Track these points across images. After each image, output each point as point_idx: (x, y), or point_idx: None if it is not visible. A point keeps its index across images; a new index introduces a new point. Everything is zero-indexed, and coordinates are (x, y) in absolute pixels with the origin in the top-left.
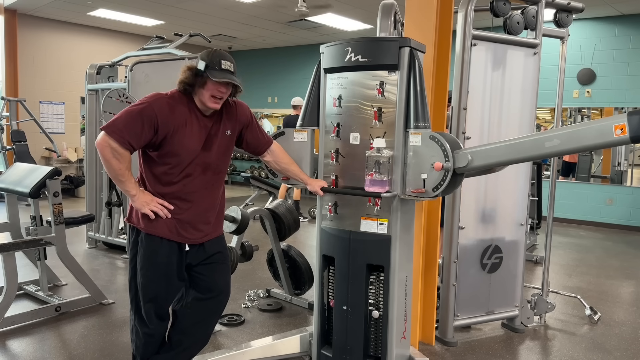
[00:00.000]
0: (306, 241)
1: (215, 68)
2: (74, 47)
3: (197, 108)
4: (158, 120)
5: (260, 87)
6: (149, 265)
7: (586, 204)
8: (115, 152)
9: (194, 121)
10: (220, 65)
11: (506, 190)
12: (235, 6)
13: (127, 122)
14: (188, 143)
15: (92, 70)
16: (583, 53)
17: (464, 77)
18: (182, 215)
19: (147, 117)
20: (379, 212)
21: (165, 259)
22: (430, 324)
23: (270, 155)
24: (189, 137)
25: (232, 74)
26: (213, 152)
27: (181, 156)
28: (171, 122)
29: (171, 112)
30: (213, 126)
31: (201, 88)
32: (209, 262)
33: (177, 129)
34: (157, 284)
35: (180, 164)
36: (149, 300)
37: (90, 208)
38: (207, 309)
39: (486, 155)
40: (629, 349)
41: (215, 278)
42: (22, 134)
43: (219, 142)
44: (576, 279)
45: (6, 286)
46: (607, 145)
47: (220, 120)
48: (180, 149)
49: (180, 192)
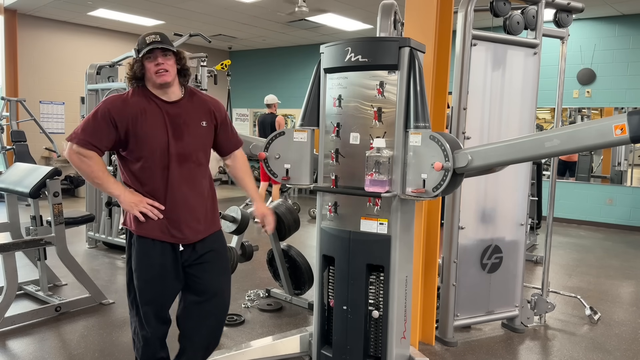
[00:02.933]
0: (306, 241)
1: (142, 47)
2: (74, 47)
3: (156, 96)
4: (112, 114)
5: (260, 87)
6: (142, 267)
7: (586, 204)
8: (80, 155)
9: (153, 108)
10: (145, 41)
11: (506, 190)
12: (235, 6)
13: (85, 126)
14: (150, 129)
15: (92, 70)
16: (583, 53)
17: (464, 77)
18: (171, 214)
19: (101, 116)
20: (379, 212)
21: (158, 260)
22: (430, 324)
23: (231, 159)
24: (150, 123)
25: (160, 42)
26: (186, 142)
27: (150, 145)
28: (126, 113)
29: (124, 105)
30: (181, 114)
31: (144, 72)
32: (201, 262)
33: (136, 118)
34: (153, 286)
35: (152, 154)
36: (147, 303)
37: (90, 208)
38: (205, 312)
39: (486, 155)
40: (629, 349)
41: (209, 279)
42: (22, 134)
43: (192, 131)
44: (576, 279)
45: (6, 286)
46: (607, 145)
47: (191, 109)
48: (145, 137)
49: (162, 188)
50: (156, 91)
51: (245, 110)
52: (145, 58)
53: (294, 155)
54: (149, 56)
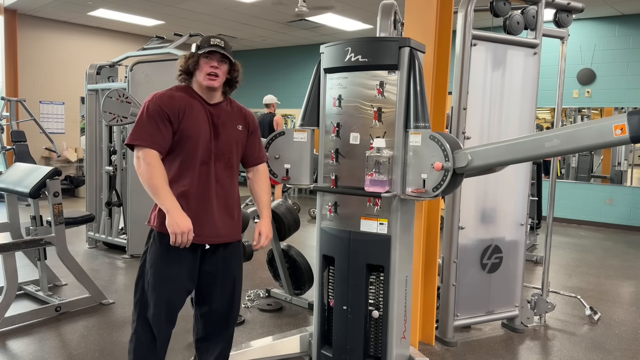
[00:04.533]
0: (306, 241)
1: (204, 46)
2: (74, 47)
3: (199, 95)
4: (164, 110)
5: (260, 87)
6: (162, 264)
7: (586, 204)
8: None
9: (197, 105)
10: (209, 42)
11: (506, 190)
12: (235, 6)
13: (144, 126)
14: (195, 123)
15: (92, 70)
16: (583, 53)
17: (464, 77)
18: (201, 212)
19: (156, 113)
20: (379, 212)
21: (179, 258)
22: (430, 324)
23: (253, 173)
24: (196, 118)
25: (222, 49)
26: (223, 142)
27: (194, 140)
28: (176, 106)
29: (171, 99)
30: (220, 115)
31: (196, 70)
32: (216, 270)
33: (184, 111)
34: (170, 285)
35: (195, 150)
36: (160, 303)
37: (90, 208)
38: (221, 291)
39: (486, 155)
40: (629, 349)
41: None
42: (22, 134)
43: (228, 132)
44: (576, 279)
45: (6, 286)
46: (607, 145)
47: (230, 112)
48: (192, 129)
49: (197, 185)
50: (200, 92)
51: None
52: (203, 56)
53: (294, 155)
54: (208, 56)
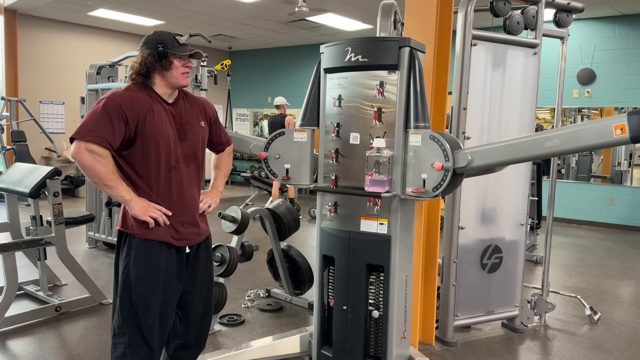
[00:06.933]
0: (306, 241)
1: (175, 45)
2: (74, 47)
3: (159, 96)
4: (123, 109)
5: (260, 87)
6: (149, 274)
7: (586, 204)
8: (95, 155)
9: (159, 107)
10: (176, 40)
11: (506, 190)
12: (235, 6)
13: (96, 121)
14: (160, 127)
15: (92, 70)
16: (583, 53)
17: (464, 77)
18: (179, 217)
19: (112, 111)
20: (379, 212)
21: (165, 266)
22: (430, 324)
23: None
24: (159, 122)
25: (190, 47)
26: (190, 142)
27: (159, 144)
28: (136, 108)
29: (132, 100)
30: (182, 114)
31: (165, 70)
32: (198, 265)
33: (145, 114)
34: (161, 294)
35: (160, 155)
36: (153, 314)
37: (90, 208)
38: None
39: (486, 155)
40: (629, 349)
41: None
42: (22, 134)
43: (193, 131)
44: (576, 279)
45: (6, 286)
46: (607, 145)
47: (190, 109)
48: (155, 135)
49: (170, 190)
50: (162, 91)
51: (245, 110)
52: (178, 56)
53: (294, 155)
54: (182, 56)
